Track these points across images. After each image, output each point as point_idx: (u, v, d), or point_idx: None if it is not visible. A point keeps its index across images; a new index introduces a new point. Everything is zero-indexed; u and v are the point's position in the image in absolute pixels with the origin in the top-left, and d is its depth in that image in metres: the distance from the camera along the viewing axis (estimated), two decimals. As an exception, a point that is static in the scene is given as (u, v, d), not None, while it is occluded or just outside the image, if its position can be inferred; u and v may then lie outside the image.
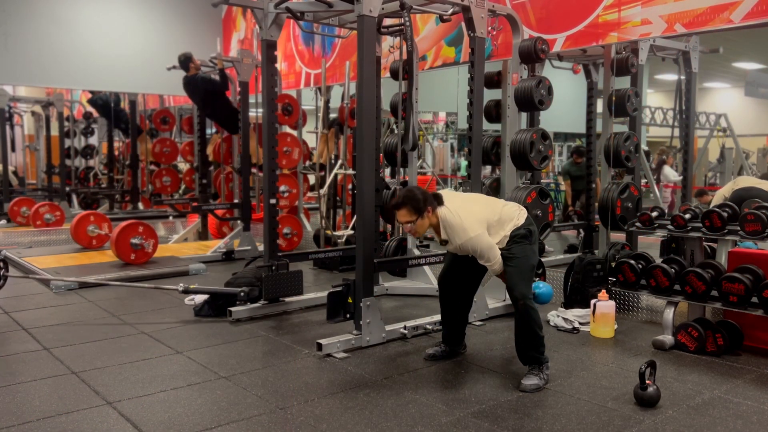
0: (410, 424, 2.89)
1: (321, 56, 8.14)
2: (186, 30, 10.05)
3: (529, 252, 3.49)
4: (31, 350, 3.95)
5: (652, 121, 12.04)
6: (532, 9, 5.56)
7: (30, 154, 13.80)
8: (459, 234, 3.38)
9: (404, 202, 3.40)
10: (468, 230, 3.36)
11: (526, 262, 3.47)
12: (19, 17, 8.72)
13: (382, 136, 6.13)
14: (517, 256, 3.45)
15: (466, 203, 3.54)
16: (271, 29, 4.84)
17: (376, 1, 3.84)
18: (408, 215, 3.39)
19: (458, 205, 3.46)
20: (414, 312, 4.87)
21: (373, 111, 3.98)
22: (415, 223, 3.40)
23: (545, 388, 3.34)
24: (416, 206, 3.37)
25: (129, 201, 11.00)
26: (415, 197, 3.38)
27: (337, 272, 6.41)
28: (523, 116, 5.39)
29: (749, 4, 4.17)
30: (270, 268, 4.78)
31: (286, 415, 2.99)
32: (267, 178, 4.96)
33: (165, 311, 4.92)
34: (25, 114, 13.49)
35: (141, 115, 11.07)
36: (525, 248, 3.48)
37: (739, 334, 3.91)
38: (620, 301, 4.83)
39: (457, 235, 3.38)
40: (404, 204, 3.40)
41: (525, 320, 3.39)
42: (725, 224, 4.24)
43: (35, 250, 7.49)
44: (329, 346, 3.84)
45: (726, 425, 2.90)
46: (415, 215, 3.38)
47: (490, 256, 3.41)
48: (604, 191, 5.35)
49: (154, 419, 2.93)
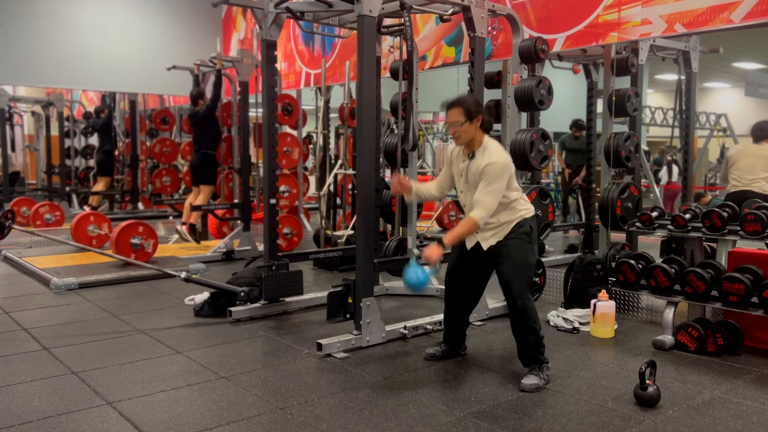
0: (410, 424, 2.89)
1: (321, 56, 8.15)
2: (186, 30, 10.06)
3: (528, 250, 3.44)
4: (31, 350, 3.95)
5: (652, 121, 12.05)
6: (532, 9, 5.56)
7: (30, 154, 13.81)
8: (495, 153, 3.37)
9: (459, 102, 3.42)
10: (502, 161, 3.35)
11: (524, 260, 3.42)
12: (19, 17, 8.72)
13: (382, 136, 6.13)
14: (514, 254, 3.41)
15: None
16: (271, 29, 4.84)
17: (376, 1, 3.84)
18: (459, 115, 3.38)
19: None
20: (414, 312, 4.87)
21: (373, 111, 3.98)
22: (462, 126, 3.39)
23: (545, 388, 3.34)
24: (469, 109, 3.38)
25: (129, 201, 11.00)
26: (470, 101, 3.43)
27: (337, 272, 6.41)
28: (523, 116, 5.39)
29: (749, 4, 4.17)
30: (270, 268, 4.78)
31: (286, 415, 2.99)
32: (267, 178, 4.96)
33: (165, 311, 4.92)
34: (25, 114, 13.50)
35: (141, 115, 11.08)
36: (524, 246, 3.43)
37: (739, 334, 3.91)
38: (620, 301, 4.83)
39: (493, 153, 3.36)
40: (458, 104, 3.41)
41: (523, 320, 3.37)
42: (725, 224, 4.24)
43: (35, 250, 7.49)
44: (329, 346, 3.84)
45: (726, 425, 2.90)
46: (465, 117, 3.38)
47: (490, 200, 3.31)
48: (604, 191, 5.35)
49: (154, 419, 2.93)
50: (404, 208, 5.66)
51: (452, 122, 3.41)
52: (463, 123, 3.38)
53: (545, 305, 5.01)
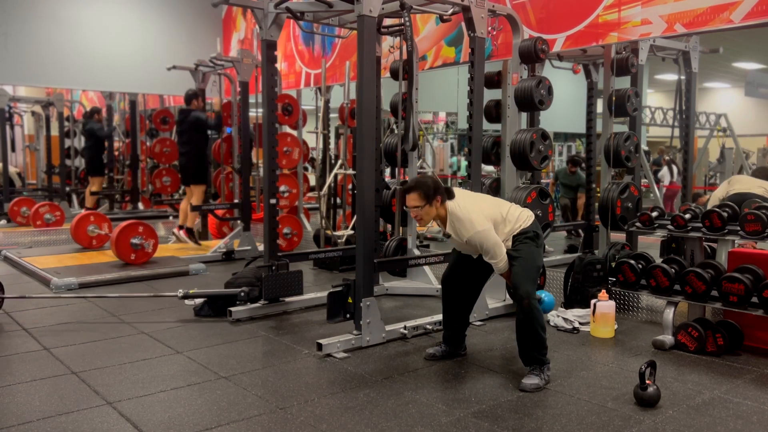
0: (410, 424, 2.89)
1: (321, 56, 8.15)
2: (186, 30, 10.06)
3: (536, 253, 3.51)
4: (31, 350, 3.95)
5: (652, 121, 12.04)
6: (532, 9, 5.56)
7: (30, 154, 13.80)
8: (467, 227, 3.41)
9: (416, 186, 3.47)
10: (475, 224, 3.39)
11: (532, 262, 3.48)
12: (19, 17, 8.73)
13: (382, 136, 6.13)
14: (522, 256, 3.46)
15: (476, 200, 3.60)
16: (271, 29, 4.84)
17: (376, 1, 3.84)
18: (417, 200, 3.44)
19: (467, 200, 3.53)
20: (414, 312, 4.87)
21: (373, 111, 3.98)
22: (422, 209, 3.44)
23: (545, 388, 3.34)
24: (426, 192, 3.43)
25: (129, 201, 11.00)
26: (426, 184, 3.46)
27: (337, 272, 6.41)
28: (523, 116, 5.38)
29: (749, 4, 4.17)
30: (270, 268, 4.78)
31: (286, 415, 2.99)
32: (267, 178, 4.96)
33: (165, 311, 4.92)
34: (25, 114, 13.50)
35: (141, 115, 11.08)
36: (531, 248, 3.50)
37: (739, 334, 3.91)
38: (620, 301, 4.83)
39: (465, 228, 3.42)
40: (415, 188, 3.46)
41: (528, 320, 3.39)
42: (725, 224, 4.24)
43: (35, 250, 7.49)
44: (329, 346, 3.84)
45: (726, 425, 2.90)
46: (423, 201, 3.43)
47: (496, 252, 3.43)
48: (604, 191, 5.35)
49: (154, 419, 2.93)
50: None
51: (411, 207, 3.48)
52: (423, 206, 3.45)
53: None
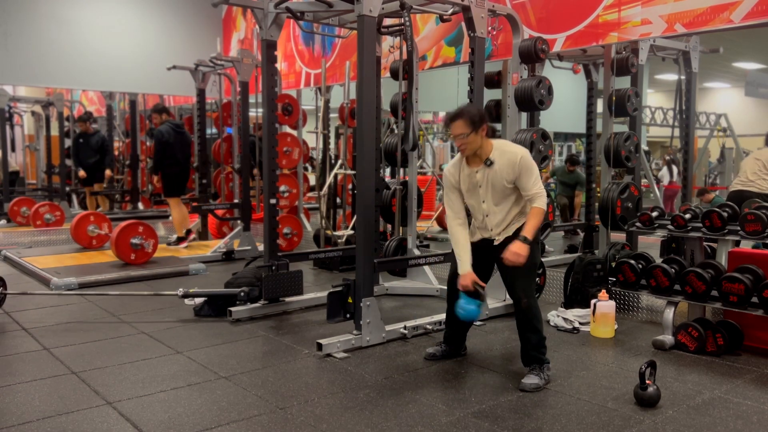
0: (410, 424, 2.89)
1: (321, 56, 8.15)
2: (186, 30, 10.06)
3: (534, 250, 3.46)
4: (31, 350, 3.95)
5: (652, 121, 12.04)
6: (532, 9, 5.56)
7: (30, 154, 13.80)
8: (515, 150, 3.38)
9: (461, 113, 3.37)
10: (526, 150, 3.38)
11: (530, 260, 3.43)
12: (19, 17, 8.73)
13: (382, 136, 6.13)
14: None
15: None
16: (271, 29, 4.84)
17: (376, 1, 3.84)
18: (463, 127, 3.34)
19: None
20: (414, 312, 4.87)
21: (373, 111, 3.98)
22: (467, 137, 3.34)
23: (545, 388, 3.34)
24: (473, 120, 3.33)
25: (129, 201, 11.00)
26: (471, 112, 3.37)
27: (337, 272, 6.41)
28: (523, 116, 5.39)
29: (749, 4, 4.18)
30: (270, 268, 4.78)
31: (286, 415, 2.99)
32: (267, 178, 4.96)
33: (165, 311, 4.92)
34: (25, 114, 13.49)
35: (141, 115, 11.08)
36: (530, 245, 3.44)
37: (739, 334, 3.91)
38: (620, 301, 4.83)
39: (514, 152, 3.37)
40: (461, 115, 3.36)
41: (527, 319, 3.38)
42: (725, 224, 4.24)
43: (35, 250, 7.49)
44: (329, 346, 3.84)
45: (726, 425, 2.90)
46: (469, 128, 3.33)
47: (540, 184, 3.39)
48: (604, 191, 5.35)
49: (154, 419, 2.93)
50: (404, 208, 5.66)
51: (457, 135, 3.36)
52: (469, 134, 3.34)
53: (545, 305, 5.00)
